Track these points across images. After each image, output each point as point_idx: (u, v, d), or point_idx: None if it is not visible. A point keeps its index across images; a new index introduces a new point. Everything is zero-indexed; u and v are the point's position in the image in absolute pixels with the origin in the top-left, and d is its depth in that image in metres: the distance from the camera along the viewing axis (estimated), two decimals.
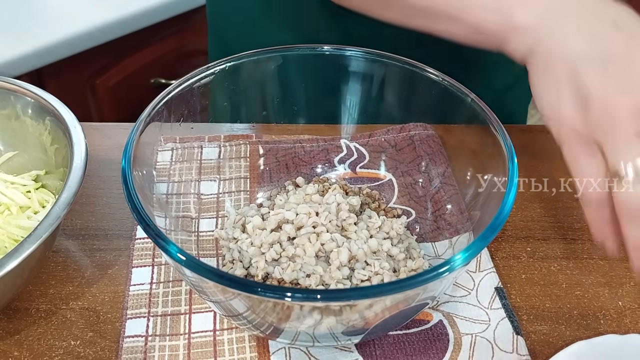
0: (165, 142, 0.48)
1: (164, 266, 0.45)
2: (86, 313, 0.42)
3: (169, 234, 0.42)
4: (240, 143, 0.53)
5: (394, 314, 0.35)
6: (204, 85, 0.45)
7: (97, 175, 0.53)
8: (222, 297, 0.35)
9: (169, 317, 0.42)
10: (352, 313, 0.34)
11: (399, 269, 0.42)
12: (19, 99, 0.47)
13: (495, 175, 0.40)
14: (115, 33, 0.94)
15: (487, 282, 0.44)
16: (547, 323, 0.43)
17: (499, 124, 0.41)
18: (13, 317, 0.42)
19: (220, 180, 0.51)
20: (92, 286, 0.44)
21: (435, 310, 0.42)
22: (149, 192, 0.42)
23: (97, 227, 0.49)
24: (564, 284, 0.45)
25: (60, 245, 0.47)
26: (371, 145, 0.53)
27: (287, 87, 0.50)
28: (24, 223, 0.43)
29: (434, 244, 0.46)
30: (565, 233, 0.49)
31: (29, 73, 0.88)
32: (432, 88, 0.44)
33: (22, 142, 0.49)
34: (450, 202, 0.47)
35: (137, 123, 0.40)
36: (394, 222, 0.44)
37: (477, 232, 0.40)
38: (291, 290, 0.30)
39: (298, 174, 0.51)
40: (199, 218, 0.48)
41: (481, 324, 0.42)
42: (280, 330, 0.37)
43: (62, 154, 0.45)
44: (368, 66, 0.48)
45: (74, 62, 0.92)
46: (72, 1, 0.98)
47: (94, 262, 0.46)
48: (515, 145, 0.40)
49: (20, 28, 0.91)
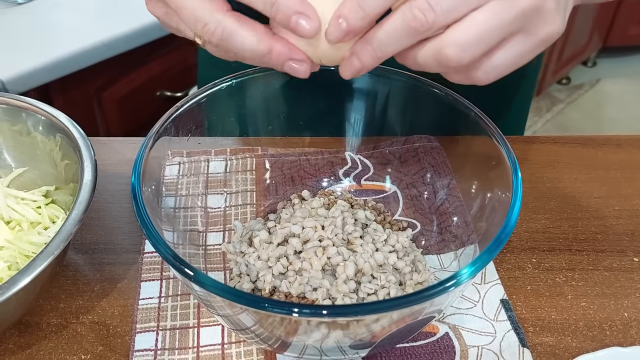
0: (172, 156, 0.49)
1: (172, 280, 0.46)
2: (96, 327, 0.43)
3: (177, 248, 0.42)
4: (246, 156, 0.54)
5: (400, 327, 0.35)
6: (211, 101, 0.46)
7: (106, 190, 0.53)
8: (230, 312, 0.36)
9: (177, 331, 0.42)
10: (359, 327, 0.34)
11: (405, 282, 0.43)
12: (30, 116, 0.48)
13: (500, 188, 0.40)
14: (121, 47, 0.95)
15: (492, 294, 0.45)
16: (553, 335, 0.43)
17: (502, 137, 0.41)
18: (24, 332, 0.42)
19: (226, 193, 0.51)
20: (102, 300, 0.45)
21: (441, 323, 0.43)
22: (157, 206, 0.42)
23: (106, 242, 0.49)
24: (570, 295, 0.46)
25: (70, 260, 0.47)
26: (376, 157, 0.54)
27: (293, 102, 0.51)
28: (35, 239, 0.44)
29: (440, 256, 0.46)
30: (570, 244, 0.50)
31: (36, 88, 0.89)
32: (436, 102, 0.45)
33: (32, 157, 0.50)
34: (455, 214, 0.47)
35: (145, 140, 0.41)
36: (400, 235, 0.45)
37: (483, 244, 0.41)
38: (298, 306, 0.31)
39: (304, 187, 0.52)
40: (207, 232, 0.48)
41: (487, 336, 0.42)
42: (288, 344, 0.37)
43: (73, 169, 0.46)
44: (372, 81, 0.48)
45: (81, 76, 0.93)
46: (79, 17, 0.99)
47: (104, 276, 0.46)
48: (519, 157, 0.40)
49: (28, 44, 0.92)
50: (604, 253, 0.49)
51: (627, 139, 0.61)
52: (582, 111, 2.20)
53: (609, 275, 0.47)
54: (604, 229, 0.51)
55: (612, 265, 0.48)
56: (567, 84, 2.32)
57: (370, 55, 0.33)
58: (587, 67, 2.40)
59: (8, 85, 0.85)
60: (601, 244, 0.50)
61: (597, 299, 0.45)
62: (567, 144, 0.60)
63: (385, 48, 0.33)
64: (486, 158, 0.43)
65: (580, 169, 0.57)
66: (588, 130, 2.09)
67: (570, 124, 2.13)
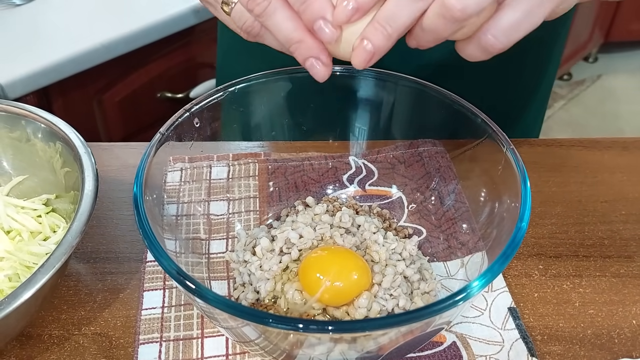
0: (174, 162, 0.48)
1: (175, 289, 0.45)
2: (99, 338, 0.42)
3: (179, 257, 0.42)
4: (249, 162, 0.53)
5: (408, 340, 0.35)
6: (213, 107, 0.45)
7: (107, 197, 0.53)
8: (233, 324, 0.35)
9: (181, 342, 0.42)
10: (365, 341, 0.33)
11: (412, 291, 0.42)
12: (30, 123, 0.47)
13: (507, 196, 0.40)
14: (121, 49, 0.94)
15: (500, 302, 0.44)
16: (562, 343, 0.42)
17: (509, 144, 0.40)
18: (26, 344, 0.42)
19: (229, 200, 0.51)
20: (104, 311, 0.44)
21: (448, 332, 0.42)
22: (159, 214, 0.42)
23: (107, 250, 0.49)
24: (577, 303, 0.45)
25: (71, 269, 0.47)
26: (380, 162, 0.53)
27: (296, 108, 0.50)
28: (36, 249, 0.43)
29: (446, 264, 0.46)
30: (577, 250, 0.49)
31: (36, 91, 0.88)
32: (442, 108, 0.44)
33: (32, 165, 0.50)
34: (462, 220, 0.47)
35: (148, 149, 0.40)
36: (407, 243, 0.44)
37: (490, 251, 0.40)
38: (303, 321, 0.30)
39: (308, 193, 0.51)
40: (209, 239, 0.48)
41: (495, 345, 0.42)
42: (293, 356, 0.36)
43: (73, 177, 0.45)
44: (377, 86, 0.48)
45: (81, 78, 0.92)
46: (77, 19, 0.98)
47: (106, 285, 0.46)
48: (525, 160, 0.40)
49: (26, 47, 0.91)
50: (611, 259, 0.49)
51: (633, 141, 0.60)
52: (583, 107, 2.19)
53: (616, 281, 0.47)
54: (610, 234, 0.51)
55: (619, 271, 0.48)
56: (569, 79, 2.31)
57: (381, 34, 0.33)
58: (588, 63, 2.39)
59: (7, 90, 0.84)
60: (608, 249, 0.49)
61: (604, 306, 0.45)
62: (573, 147, 0.59)
63: (394, 22, 0.32)
64: (493, 164, 0.42)
65: (587, 173, 0.56)
66: (590, 126, 2.09)
67: (572, 119, 2.12)
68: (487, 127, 0.41)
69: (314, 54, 0.34)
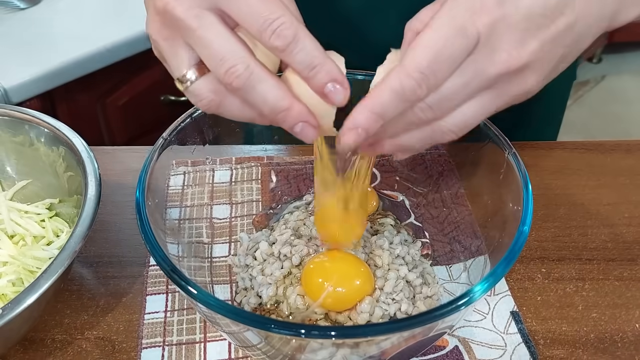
0: (177, 166, 0.48)
1: (177, 293, 0.45)
2: (101, 343, 0.42)
3: (181, 261, 0.42)
4: (251, 165, 0.53)
5: (410, 344, 0.35)
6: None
7: (110, 201, 0.53)
8: (235, 329, 0.35)
9: (184, 346, 0.42)
10: (368, 346, 0.33)
11: (415, 295, 0.42)
12: (33, 128, 0.48)
13: (510, 200, 0.40)
14: (124, 53, 0.95)
15: (502, 306, 0.44)
16: (564, 347, 0.42)
17: (511, 148, 0.40)
18: (29, 348, 0.42)
19: (232, 203, 0.51)
20: (107, 315, 0.44)
21: (451, 336, 0.42)
22: (161, 219, 0.42)
23: (110, 254, 0.49)
24: (580, 306, 0.45)
25: (74, 273, 0.47)
26: (382, 165, 0.53)
27: None
28: (39, 254, 0.44)
29: (449, 268, 0.46)
30: (580, 253, 0.49)
31: (40, 95, 0.89)
32: None
33: (35, 169, 0.50)
34: (464, 223, 0.46)
35: (150, 153, 0.40)
36: (411, 247, 0.44)
37: (493, 255, 0.40)
38: (305, 327, 0.30)
39: (310, 196, 0.51)
40: (212, 243, 0.48)
41: (497, 349, 0.41)
42: None
43: (76, 181, 0.46)
44: None
45: (85, 82, 0.93)
46: (81, 23, 0.98)
47: (108, 290, 0.46)
48: (528, 163, 0.40)
49: (30, 50, 0.92)
50: (614, 262, 0.48)
51: (636, 143, 0.60)
52: (587, 108, 2.19)
53: (619, 285, 0.47)
54: (614, 237, 0.50)
55: (622, 274, 0.47)
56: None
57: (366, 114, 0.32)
58: (592, 64, 2.39)
59: (10, 94, 0.84)
60: (611, 252, 0.49)
61: (608, 310, 0.45)
62: (576, 150, 0.59)
63: None
64: (495, 168, 0.42)
65: (589, 176, 0.56)
66: (594, 126, 2.08)
67: (576, 120, 2.12)
68: (489, 131, 0.41)
69: (304, 118, 0.32)
